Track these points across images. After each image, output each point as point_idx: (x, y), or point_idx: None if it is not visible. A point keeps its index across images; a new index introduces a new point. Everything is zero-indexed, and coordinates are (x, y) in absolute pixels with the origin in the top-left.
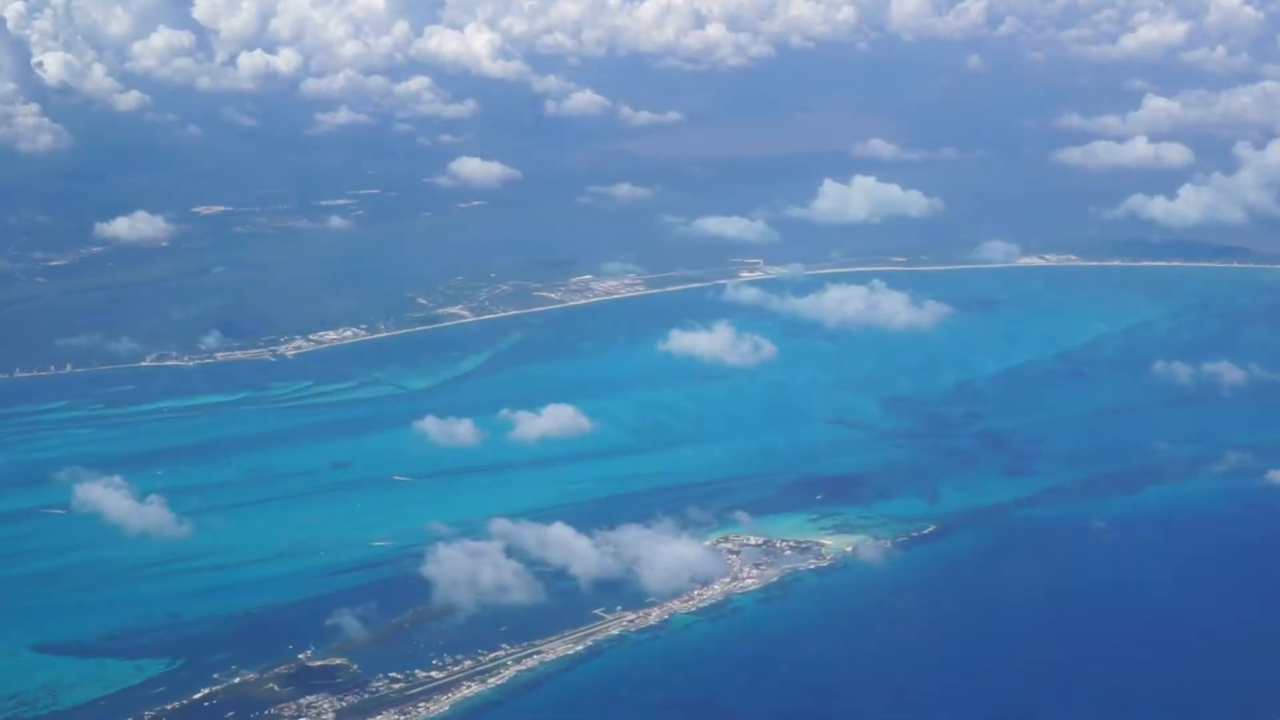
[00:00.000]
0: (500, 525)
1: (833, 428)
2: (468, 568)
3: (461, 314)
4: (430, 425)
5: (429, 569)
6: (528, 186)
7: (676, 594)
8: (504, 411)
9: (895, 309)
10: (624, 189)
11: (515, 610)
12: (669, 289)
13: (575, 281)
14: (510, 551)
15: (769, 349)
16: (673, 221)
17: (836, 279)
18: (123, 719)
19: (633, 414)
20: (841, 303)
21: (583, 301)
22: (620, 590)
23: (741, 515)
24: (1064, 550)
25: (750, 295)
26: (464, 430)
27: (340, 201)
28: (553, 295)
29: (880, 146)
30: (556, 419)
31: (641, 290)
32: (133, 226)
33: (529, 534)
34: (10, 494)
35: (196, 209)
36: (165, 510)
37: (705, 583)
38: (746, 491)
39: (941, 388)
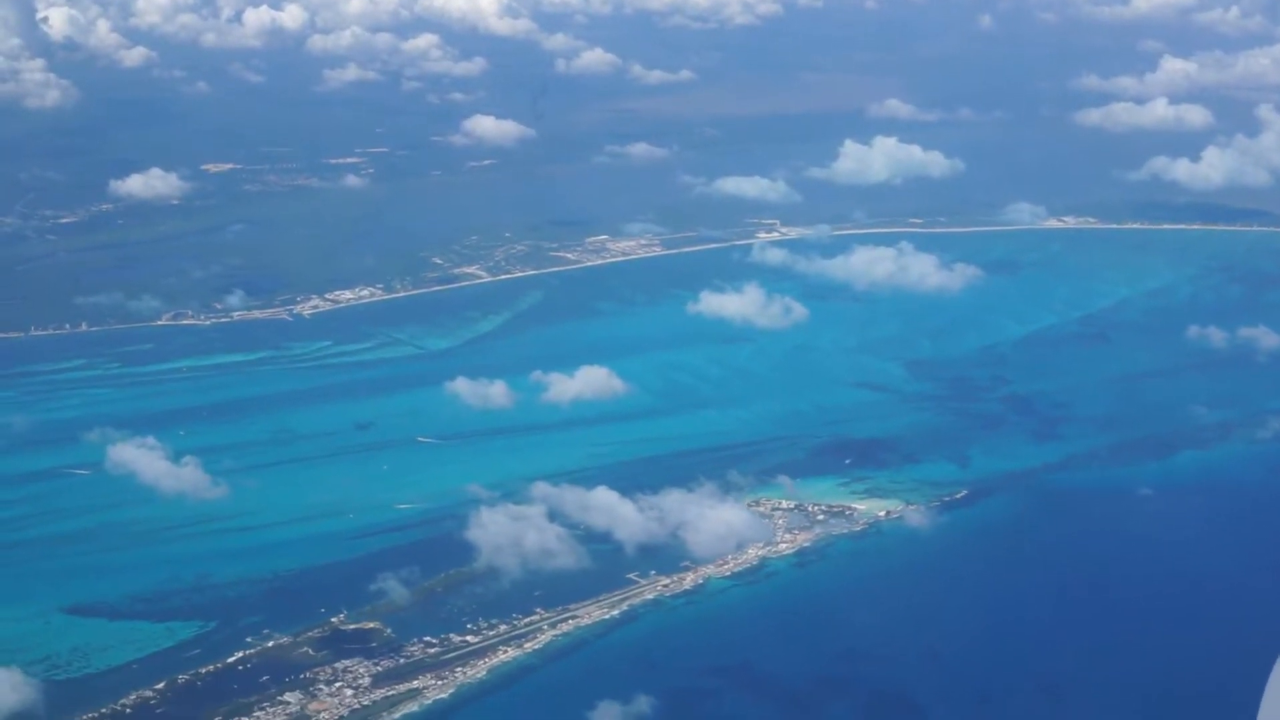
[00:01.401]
0: (531, 488)
1: (861, 390)
2: (499, 531)
3: (478, 274)
4: (453, 386)
5: (459, 531)
6: (542, 145)
7: (717, 558)
8: (530, 372)
9: (923, 271)
10: (640, 148)
11: (548, 574)
12: (686, 249)
13: (591, 241)
14: (546, 514)
15: (799, 311)
16: (691, 181)
17: (863, 240)
18: (156, 682)
19: (662, 376)
20: (870, 264)
21: (600, 262)
22: (663, 555)
23: (783, 479)
24: (1098, 515)
25: (776, 256)
26: (487, 391)
27: (350, 159)
28: (569, 255)
29: (897, 107)
30: (583, 380)
31: (659, 251)
32: (146, 184)
33: (561, 496)
34: (33, 454)
35: (205, 166)
36: (189, 471)
37: (750, 547)
38: (778, 454)
39: (967, 350)
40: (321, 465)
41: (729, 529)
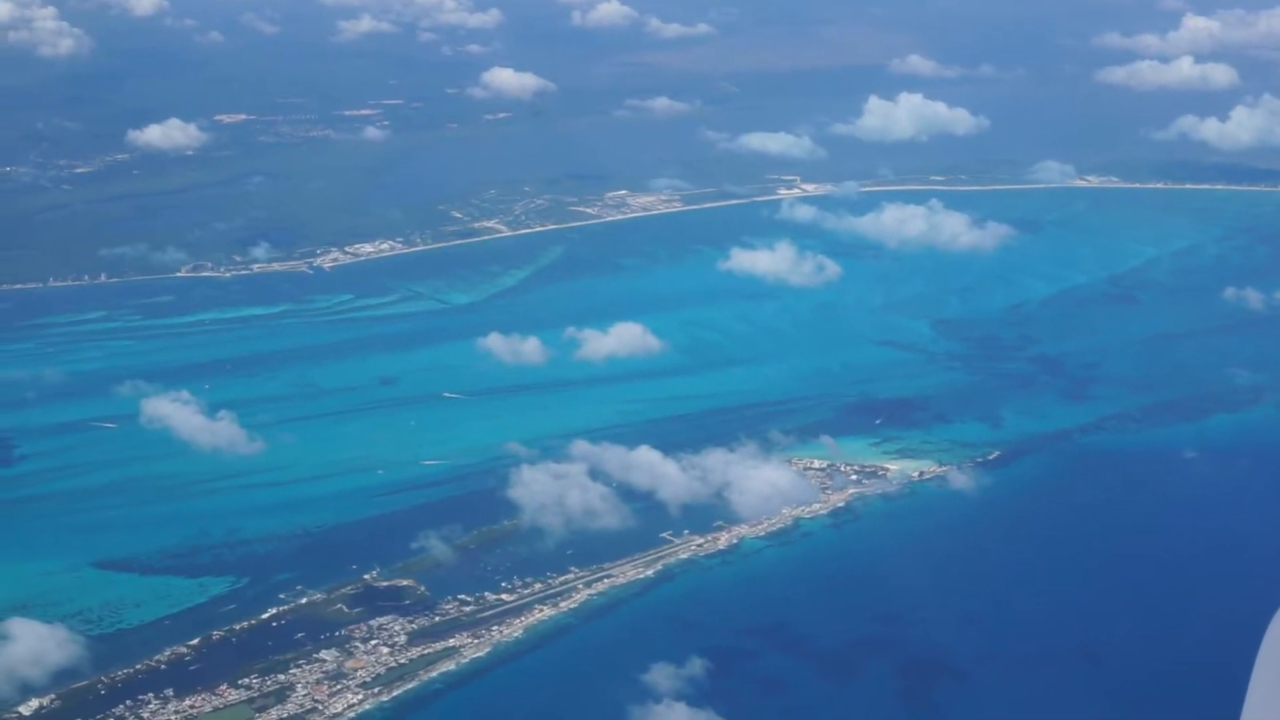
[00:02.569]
0: (561, 444)
1: (890, 349)
2: (532, 488)
3: (498, 228)
4: (477, 341)
5: (491, 488)
6: (561, 99)
7: (762, 518)
8: (553, 328)
9: (951, 229)
10: (661, 103)
11: (582, 532)
12: (707, 205)
13: (612, 196)
14: (580, 472)
15: (826, 268)
16: (714, 137)
17: (891, 198)
18: (191, 638)
19: (689, 333)
20: (899, 222)
21: (620, 217)
22: (707, 514)
23: (826, 439)
24: (1132, 477)
25: (803, 213)
26: (511, 347)
27: (364, 112)
28: (589, 210)
29: (918, 63)
30: (605, 336)
31: (679, 206)
32: (164, 134)
33: (594, 453)
34: (57, 407)
35: (219, 117)
36: (215, 425)
37: (793, 508)
38: (809, 413)
39: (995, 309)
40: (347, 420)
41: (774, 489)
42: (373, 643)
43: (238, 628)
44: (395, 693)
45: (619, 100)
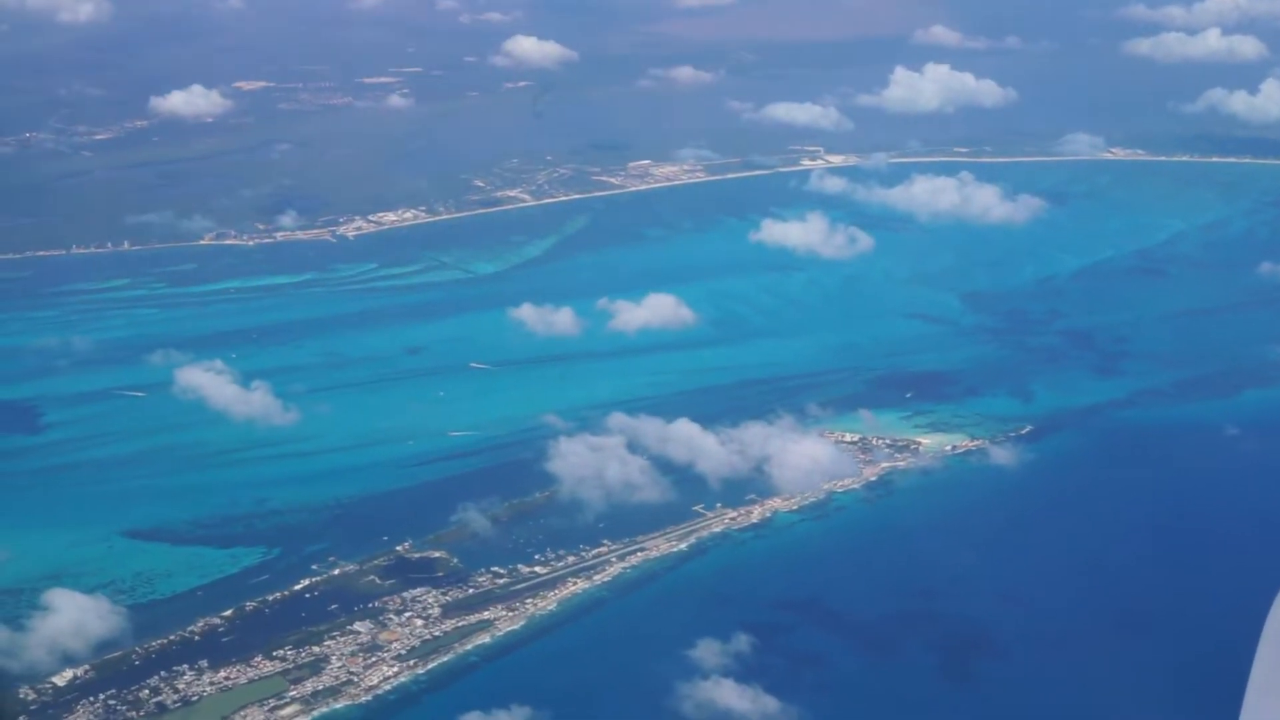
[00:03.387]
0: (588, 416)
1: (919, 322)
2: (563, 459)
3: (521, 197)
4: (503, 311)
5: (521, 460)
6: (582, 68)
7: (800, 492)
8: (578, 298)
9: (979, 201)
10: (685, 72)
11: (613, 505)
12: (730, 175)
13: (635, 166)
14: (612, 443)
15: (853, 240)
16: (739, 107)
17: (919, 170)
18: (224, 609)
19: (715, 304)
20: (927, 194)
21: (644, 187)
22: (746, 488)
23: (863, 413)
24: (1166, 452)
25: (830, 185)
26: (537, 317)
27: (384, 79)
28: (613, 180)
29: (943, 34)
30: (630, 307)
31: (703, 176)
32: (188, 101)
33: (623, 424)
34: (82, 375)
35: (238, 84)
36: (242, 395)
37: (833, 482)
38: (839, 386)
39: (1023, 283)
40: (375, 391)
41: (814, 463)
42: (406, 615)
43: (270, 599)
44: (430, 665)
45: (641, 69)
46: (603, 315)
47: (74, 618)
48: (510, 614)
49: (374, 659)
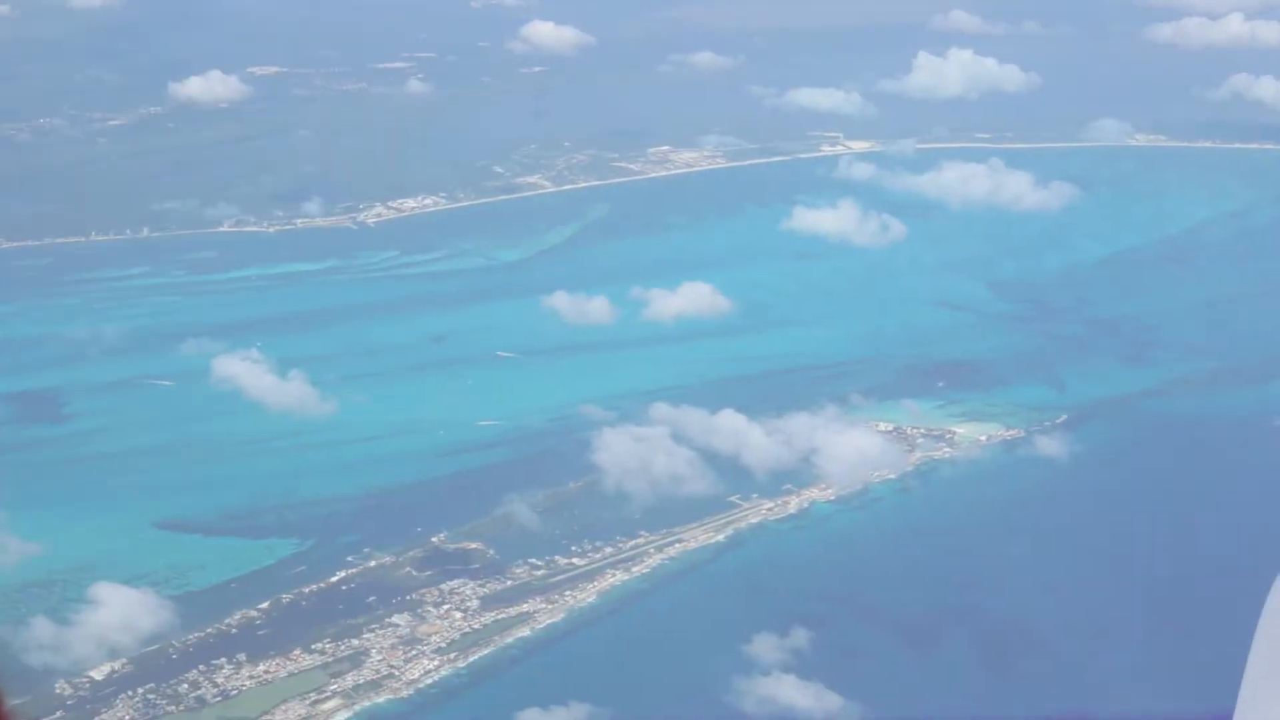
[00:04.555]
0: (621, 404)
1: (946, 310)
2: (597, 449)
3: (541, 184)
4: (527, 299)
5: (553, 450)
6: (600, 53)
7: (847, 482)
8: (601, 285)
9: (1006, 188)
10: (703, 58)
11: (647, 495)
12: (750, 162)
13: (654, 152)
14: (648, 433)
15: (891, 228)
16: (760, 92)
17: (948, 155)
18: (260, 601)
19: (743, 292)
20: (960, 181)
21: (665, 174)
22: (791, 479)
23: (908, 404)
24: (1202, 442)
25: (861, 171)
26: (563, 304)
27: (397, 65)
28: (633, 166)
29: (962, 19)
30: (658, 295)
31: (723, 163)
32: (206, 87)
33: (663, 413)
34: (108, 363)
35: (251, 69)
36: (270, 383)
37: (876, 472)
38: (870, 375)
39: (1049, 270)
40: (401, 379)
41: (860, 454)
42: (445, 607)
43: (307, 591)
44: (471, 658)
45: (660, 55)
46: (630, 303)
47: (110, 611)
48: (549, 606)
49: (414, 652)
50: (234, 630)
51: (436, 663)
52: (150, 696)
